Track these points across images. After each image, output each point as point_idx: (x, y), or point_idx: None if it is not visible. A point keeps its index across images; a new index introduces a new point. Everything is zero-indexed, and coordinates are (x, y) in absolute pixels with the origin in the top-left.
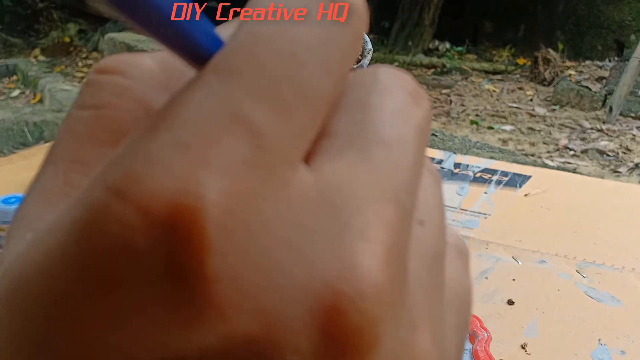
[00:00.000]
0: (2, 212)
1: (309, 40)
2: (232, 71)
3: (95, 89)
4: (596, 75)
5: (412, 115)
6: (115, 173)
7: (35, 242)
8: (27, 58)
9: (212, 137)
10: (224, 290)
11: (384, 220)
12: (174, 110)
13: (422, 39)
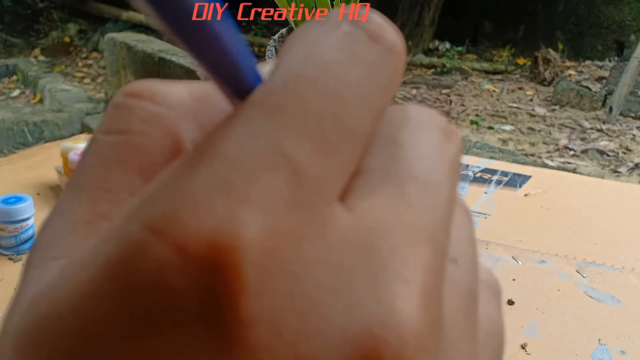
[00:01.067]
0: (2, 212)
1: (351, 79)
2: (275, 108)
3: (122, 112)
4: (596, 75)
5: (445, 152)
6: (153, 210)
7: (65, 275)
8: (27, 58)
9: (254, 175)
10: (260, 334)
11: (420, 261)
12: (214, 146)
13: (422, 39)
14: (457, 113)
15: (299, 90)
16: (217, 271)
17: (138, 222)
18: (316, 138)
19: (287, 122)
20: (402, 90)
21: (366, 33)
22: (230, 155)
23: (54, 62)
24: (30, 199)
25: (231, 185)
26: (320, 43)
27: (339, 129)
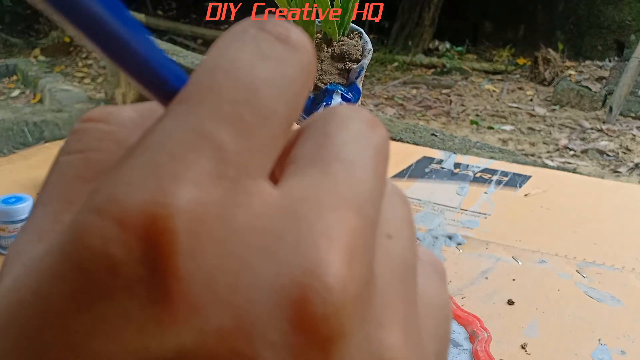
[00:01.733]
0: (2, 212)
1: (260, 71)
2: (195, 100)
3: (80, 135)
4: (596, 75)
5: (369, 139)
6: (97, 197)
7: (27, 268)
8: (27, 58)
9: (181, 155)
10: (197, 291)
11: (344, 224)
12: (145, 138)
13: (422, 39)
14: (457, 113)
15: (214, 82)
16: (153, 237)
17: (86, 209)
18: (234, 121)
19: (207, 110)
20: (402, 90)
21: (272, 35)
22: (159, 142)
23: (54, 62)
24: (30, 199)
25: (161, 165)
26: (230, 45)
27: (254, 112)
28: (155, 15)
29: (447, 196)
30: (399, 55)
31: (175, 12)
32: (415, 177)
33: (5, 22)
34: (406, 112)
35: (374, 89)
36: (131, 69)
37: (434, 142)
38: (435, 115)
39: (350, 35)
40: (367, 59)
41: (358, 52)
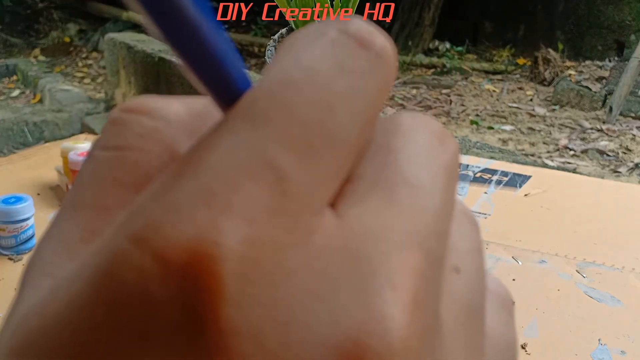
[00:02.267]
0: (2, 212)
1: (339, 88)
2: (260, 116)
3: (119, 128)
4: (596, 75)
5: (438, 156)
6: (136, 221)
7: (55, 291)
8: (27, 58)
9: (236, 184)
10: (241, 344)
11: (411, 268)
12: (199, 156)
13: (422, 39)
14: (457, 113)
15: (285, 98)
16: (196, 281)
17: (122, 234)
18: (301, 146)
19: (272, 130)
20: (402, 90)
21: (354, 39)
22: (213, 165)
23: (54, 62)
24: (30, 199)
25: (213, 194)
26: (307, 51)
27: (325, 138)
28: None
29: None
30: (399, 55)
31: None
32: None
33: (5, 22)
34: None
35: None
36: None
37: None
38: (435, 115)
39: None
40: None
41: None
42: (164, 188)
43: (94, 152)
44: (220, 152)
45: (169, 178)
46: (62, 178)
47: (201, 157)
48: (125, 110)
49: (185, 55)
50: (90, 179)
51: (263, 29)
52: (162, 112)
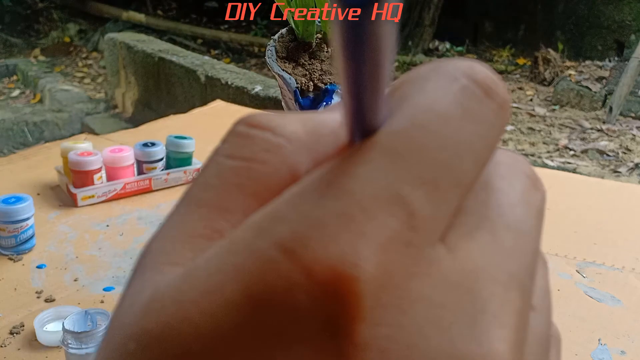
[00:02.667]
0: (2, 212)
1: (466, 134)
2: (397, 153)
3: (246, 141)
4: (596, 75)
5: (533, 201)
6: (283, 230)
7: (190, 280)
8: (27, 58)
9: (373, 213)
10: (369, 358)
11: (513, 307)
12: (340, 181)
13: (422, 39)
14: None
15: (420, 140)
16: (339, 296)
17: (269, 239)
18: (430, 185)
19: (406, 167)
20: None
21: (482, 89)
22: (353, 192)
23: (54, 62)
24: (30, 199)
25: (354, 219)
26: (439, 95)
27: (450, 179)
28: (155, 15)
29: None
30: (399, 55)
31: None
32: None
33: (5, 22)
34: None
35: None
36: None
37: None
38: None
39: None
40: None
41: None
42: (307, 203)
43: (219, 159)
44: (360, 181)
45: (309, 193)
46: (62, 178)
47: (342, 182)
48: (250, 125)
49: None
50: (216, 182)
51: (263, 29)
52: (283, 129)
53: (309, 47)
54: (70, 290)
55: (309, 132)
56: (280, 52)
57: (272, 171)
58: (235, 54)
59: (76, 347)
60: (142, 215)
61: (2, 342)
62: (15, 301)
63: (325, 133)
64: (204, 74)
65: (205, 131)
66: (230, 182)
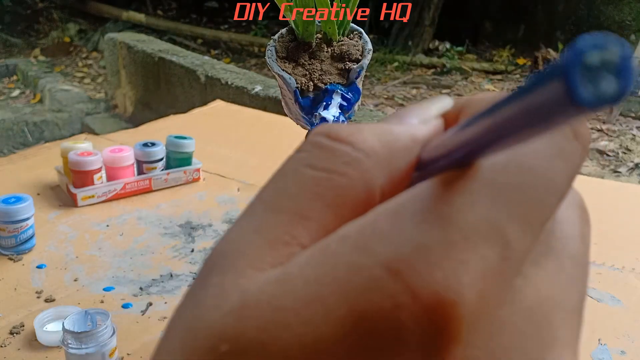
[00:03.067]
0: (2, 212)
1: (556, 172)
2: (497, 188)
3: (328, 154)
4: None
5: (586, 232)
6: (389, 250)
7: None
8: (27, 58)
9: (474, 244)
10: None
11: (577, 332)
12: (444, 209)
13: (422, 39)
14: None
15: (519, 176)
16: (441, 320)
17: (374, 257)
18: (523, 219)
19: (505, 201)
20: (402, 90)
21: (572, 130)
22: (457, 221)
23: (54, 62)
24: (30, 199)
25: (456, 247)
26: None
27: (540, 213)
28: (155, 15)
29: None
30: (399, 55)
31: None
32: None
33: (5, 22)
34: None
35: (374, 89)
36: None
37: None
38: None
39: (350, 35)
40: (367, 59)
41: (358, 52)
42: (411, 227)
43: (299, 168)
44: (463, 211)
45: (413, 217)
46: (62, 178)
47: (446, 210)
48: (331, 137)
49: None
50: (296, 189)
51: (263, 29)
52: (362, 144)
53: (309, 47)
54: (70, 290)
55: (384, 147)
56: (280, 52)
57: (351, 184)
58: (235, 54)
59: (76, 347)
60: (142, 215)
61: (2, 342)
62: (15, 301)
63: (398, 148)
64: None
65: (205, 131)
66: (310, 191)
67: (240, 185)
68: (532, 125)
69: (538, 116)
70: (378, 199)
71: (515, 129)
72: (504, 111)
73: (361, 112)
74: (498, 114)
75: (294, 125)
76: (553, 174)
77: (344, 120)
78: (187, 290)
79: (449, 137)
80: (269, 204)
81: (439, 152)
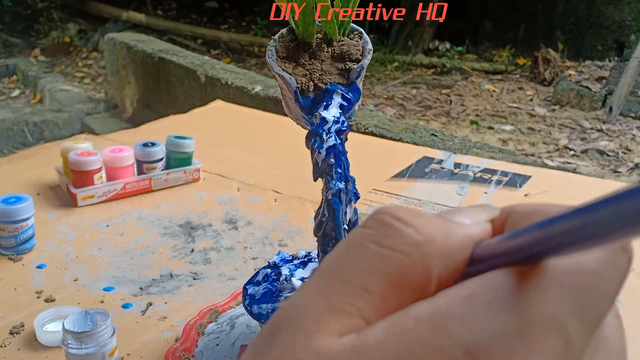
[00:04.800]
0: (2, 212)
1: (610, 282)
2: (565, 289)
3: (394, 233)
4: (596, 75)
5: (624, 337)
6: (467, 335)
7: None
8: (27, 58)
9: (544, 335)
10: None
11: None
12: (518, 302)
13: (422, 39)
14: (457, 113)
15: (582, 280)
16: None
17: (454, 339)
18: (584, 319)
19: (571, 302)
20: (402, 90)
21: (621, 243)
22: (530, 315)
23: (54, 62)
24: (30, 199)
25: (528, 338)
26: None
27: (596, 315)
28: (155, 15)
29: (447, 196)
30: (399, 55)
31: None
32: (415, 177)
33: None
34: (406, 112)
35: (374, 89)
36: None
37: (434, 142)
38: (435, 115)
39: (350, 35)
40: (367, 59)
41: (358, 52)
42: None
43: (366, 243)
44: (535, 306)
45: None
46: (62, 178)
47: (519, 303)
48: (397, 218)
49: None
50: (362, 264)
51: (263, 29)
52: (424, 229)
53: (309, 47)
54: (70, 290)
55: (443, 237)
56: (280, 52)
57: (413, 265)
58: (235, 54)
59: (76, 347)
60: (142, 215)
61: (2, 342)
62: (15, 301)
63: (455, 242)
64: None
65: (205, 131)
66: (375, 267)
67: (240, 185)
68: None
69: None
70: (434, 285)
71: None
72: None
73: (361, 112)
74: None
75: (294, 125)
76: (607, 279)
77: (344, 120)
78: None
79: (506, 237)
80: (335, 273)
81: (497, 251)
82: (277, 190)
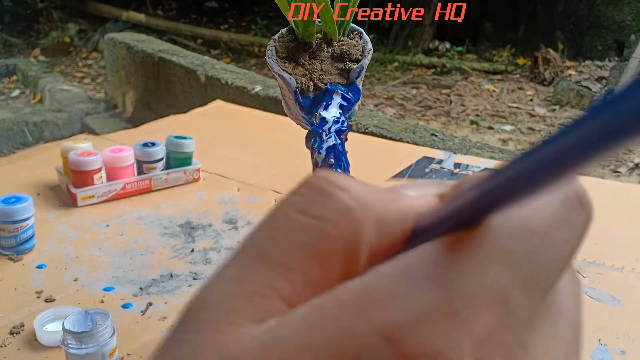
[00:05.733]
0: (2, 212)
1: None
2: (503, 255)
3: (321, 199)
4: (596, 75)
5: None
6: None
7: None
8: (27, 58)
9: (476, 309)
10: None
11: None
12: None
13: (422, 39)
14: (457, 113)
15: (528, 244)
16: None
17: (369, 324)
18: (528, 286)
19: (513, 269)
20: (402, 90)
21: (578, 199)
22: (460, 288)
23: (54, 62)
24: (30, 199)
25: (456, 314)
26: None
27: (544, 281)
28: (155, 15)
29: None
30: (399, 55)
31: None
32: (415, 177)
33: (5, 22)
34: (406, 112)
35: (374, 89)
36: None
37: (434, 142)
38: (435, 115)
39: (350, 35)
40: (367, 59)
41: (358, 52)
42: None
43: (289, 213)
44: (471, 278)
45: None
46: (62, 178)
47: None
48: (327, 182)
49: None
50: (282, 238)
51: (263, 29)
52: (358, 194)
53: (309, 47)
54: (70, 290)
55: (380, 204)
56: (280, 52)
57: (341, 235)
58: (235, 54)
59: (76, 347)
60: (142, 215)
61: (2, 342)
62: (15, 301)
63: (393, 210)
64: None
65: (205, 131)
66: (297, 240)
67: (240, 185)
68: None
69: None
70: (365, 256)
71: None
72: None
73: (361, 112)
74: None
75: (294, 125)
76: (560, 241)
77: (344, 120)
78: (163, 342)
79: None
80: (252, 252)
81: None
82: (277, 190)
